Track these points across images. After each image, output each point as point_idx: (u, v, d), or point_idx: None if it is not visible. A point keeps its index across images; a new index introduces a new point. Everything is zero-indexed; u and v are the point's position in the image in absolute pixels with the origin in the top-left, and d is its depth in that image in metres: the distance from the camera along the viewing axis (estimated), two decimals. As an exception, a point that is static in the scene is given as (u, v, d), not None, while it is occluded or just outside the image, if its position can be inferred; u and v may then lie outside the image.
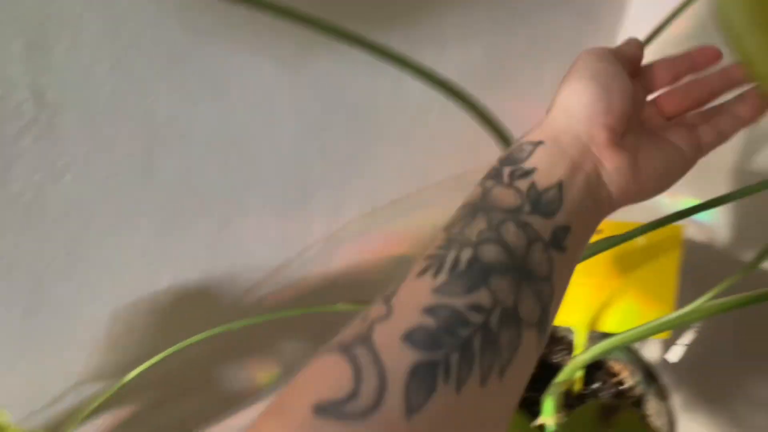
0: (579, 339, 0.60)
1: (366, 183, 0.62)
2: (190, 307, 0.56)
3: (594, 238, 0.34)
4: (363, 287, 0.66)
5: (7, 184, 0.40)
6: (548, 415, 0.54)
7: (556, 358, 0.65)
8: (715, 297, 0.42)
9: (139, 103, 0.43)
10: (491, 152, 0.37)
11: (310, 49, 0.49)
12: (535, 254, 0.27)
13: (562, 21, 0.65)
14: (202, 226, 0.52)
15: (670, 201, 0.60)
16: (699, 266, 0.62)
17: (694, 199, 0.39)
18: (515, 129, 0.39)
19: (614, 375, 0.63)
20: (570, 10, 0.64)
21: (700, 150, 0.34)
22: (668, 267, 0.58)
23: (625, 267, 0.59)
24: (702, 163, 0.35)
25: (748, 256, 0.65)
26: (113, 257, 0.48)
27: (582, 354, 0.49)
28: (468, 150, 0.66)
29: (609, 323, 0.59)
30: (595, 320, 0.59)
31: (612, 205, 0.32)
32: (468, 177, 0.63)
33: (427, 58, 0.41)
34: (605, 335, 0.49)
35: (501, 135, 0.39)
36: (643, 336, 0.42)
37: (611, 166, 0.31)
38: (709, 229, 0.69)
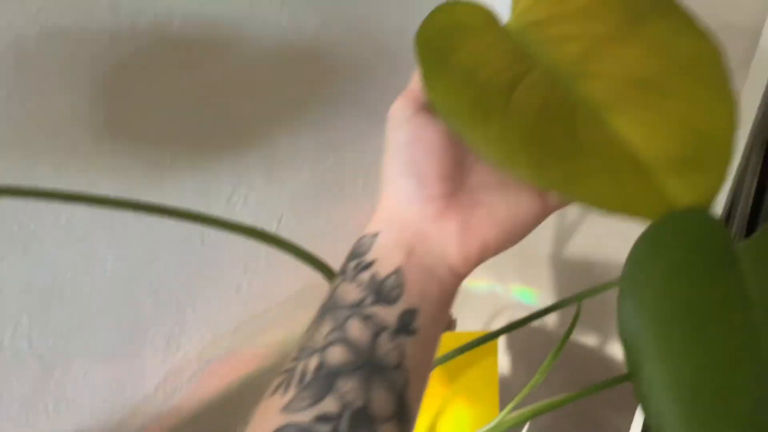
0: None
1: (204, 311, 0.64)
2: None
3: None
4: (210, 419, 0.65)
5: None
6: None
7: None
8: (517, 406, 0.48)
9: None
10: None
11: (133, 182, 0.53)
12: (382, 344, 0.27)
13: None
14: (18, 384, 0.51)
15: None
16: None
17: (522, 287, 0.47)
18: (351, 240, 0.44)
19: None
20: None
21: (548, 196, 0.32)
22: (489, 371, 0.66)
23: (451, 375, 0.65)
24: (524, 249, 0.36)
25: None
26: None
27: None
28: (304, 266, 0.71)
29: (445, 430, 0.63)
30: (432, 429, 0.64)
31: (458, 273, 0.31)
32: (313, 290, 0.68)
33: (256, 182, 0.47)
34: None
35: (321, 268, 0.41)
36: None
37: (439, 239, 0.30)
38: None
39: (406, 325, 0.28)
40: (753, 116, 0.59)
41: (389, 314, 0.28)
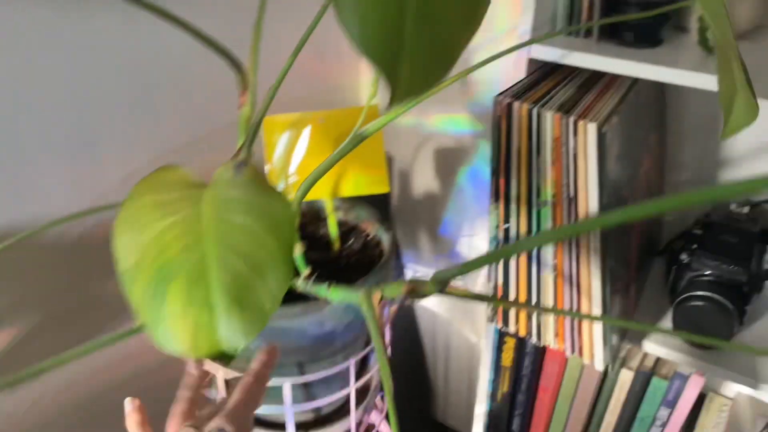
0: (329, 206, 0.80)
1: (152, 130, 0.80)
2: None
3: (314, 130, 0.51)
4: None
5: None
6: (302, 269, 0.72)
7: (318, 230, 0.85)
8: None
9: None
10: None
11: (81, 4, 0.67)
12: None
13: None
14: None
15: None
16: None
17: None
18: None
19: (363, 231, 0.84)
20: None
21: None
22: (377, 142, 0.81)
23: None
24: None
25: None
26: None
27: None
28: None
29: (345, 190, 0.79)
30: (335, 191, 0.80)
31: None
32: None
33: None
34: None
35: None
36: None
37: None
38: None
39: None
40: None
41: None
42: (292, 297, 0.65)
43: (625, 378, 0.98)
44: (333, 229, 0.79)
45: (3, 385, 0.47)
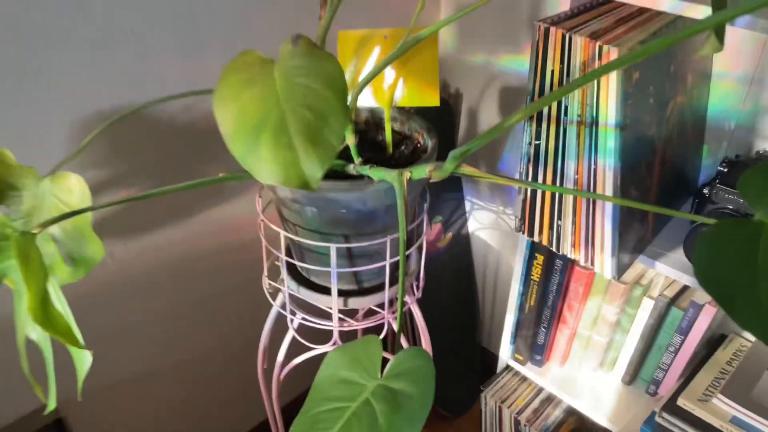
0: (386, 115, 0.94)
1: (246, 36, 0.96)
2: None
3: (380, 46, 0.64)
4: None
5: None
6: (356, 158, 0.85)
7: (377, 136, 0.98)
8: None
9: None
10: None
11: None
12: None
13: None
14: (117, 66, 0.85)
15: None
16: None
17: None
18: None
19: (415, 140, 0.97)
20: None
21: None
22: (431, 62, 0.93)
23: (404, 61, 0.93)
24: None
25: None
26: (60, 74, 0.81)
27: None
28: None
29: (401, 101, 0.92)
30: (391, 100, 0.93)
31: None
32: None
33: None
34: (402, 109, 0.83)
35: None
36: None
37: None
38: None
39: None
40: None
41: None
42: (345, 178, 0.79)
43: (646, 305, 1.07)
44: (388, 136, 0.93)
45: (129, 199, 0.64)
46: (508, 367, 1.26)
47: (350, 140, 0.81)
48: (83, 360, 0.64)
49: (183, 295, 1.16)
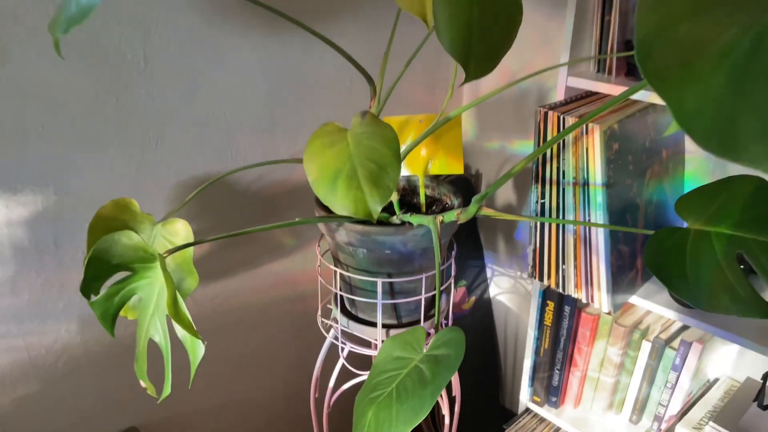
0: (420, 182, 1.17)
1: (307, 119, 1.23)
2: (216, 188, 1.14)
3: (415, 128, 0.92)
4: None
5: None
6: (398, 210, 1.08)
7: (413, 199, 1.21)
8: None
9: (176, 60, 1.05)
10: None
11: (273, 38, 1.12)
12: None
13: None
14: (212, 145, 1.12)
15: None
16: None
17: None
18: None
19: (444, 202, 1.19)
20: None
21: None
22: (456, 138, 1.17)
23: (435, 139, 1.17)
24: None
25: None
26: (171, 146, 1.07)
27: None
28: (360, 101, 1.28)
29: (432, 170, 1.16)
30: (425, 168, 1.16)
31: None
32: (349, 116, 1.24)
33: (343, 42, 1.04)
34: (435, 177, 1.07)
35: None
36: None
37: None
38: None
39: None
40: None
41: None
42: (389, 225, 1.02)
43: (645, 347, 1.24)
44: (422, 198, 1.16)
45: (204, 240, 0.87)
46: (527, 410, 1.41)
47: (394, 197, 1.04)
48: (197, 350, 0.84)
49: (245, 338, 1.36)
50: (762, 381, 1.14)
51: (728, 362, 1.28)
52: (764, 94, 0.37)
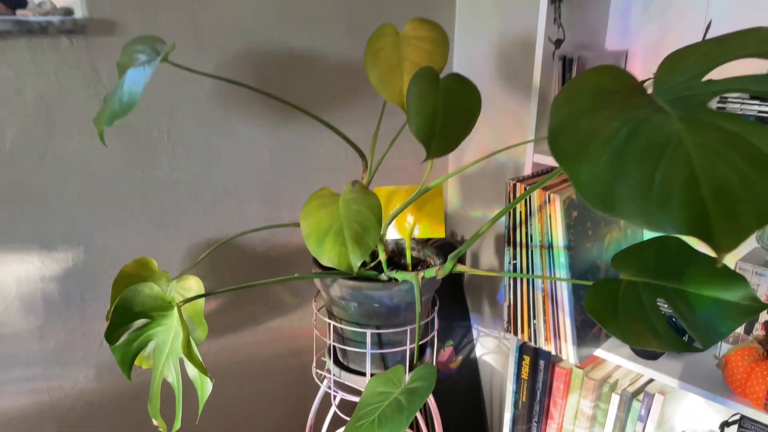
0: (407, 245, 1.32)
1: (308, 189, 1.39)
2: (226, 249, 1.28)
3: (402, 197, 1.10)
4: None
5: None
6: (386, 269, 1.22)
7: (401, 260, 1.35)
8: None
9: (194, 139, 1.22)
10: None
11: (278, 121, 1.30)
12: None
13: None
14: (223, 213, 1.27)
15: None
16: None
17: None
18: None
19: (428, 262, 1.33)
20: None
21: None
22: (438, 205, 1.32)
23: (419, 204, 1.32)
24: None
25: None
26: (185, 214, 1.23)
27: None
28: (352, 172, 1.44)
29: (419, 234, 1.30)
30: (411, 232, 1.31)
31: None
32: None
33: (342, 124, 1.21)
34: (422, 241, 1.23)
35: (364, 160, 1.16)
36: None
37: None
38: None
39: None
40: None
41: None
42: (378, 282, 1.15)
43: (614, 400, 1.35)
44: (408, 258, 1.30)
45: (215, 293, 1.01)
46: (508, 462, 1.49)
47: (382, 257, 1.18)
48: (205, 387, 0.96)
49: (246, 388, 1.47)
50: (720, 429, 1.25)
51: (695, 415, 1.38)
52: (634, 170, 0.52)
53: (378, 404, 0.85)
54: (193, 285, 1.13)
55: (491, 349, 1.83)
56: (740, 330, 1.17)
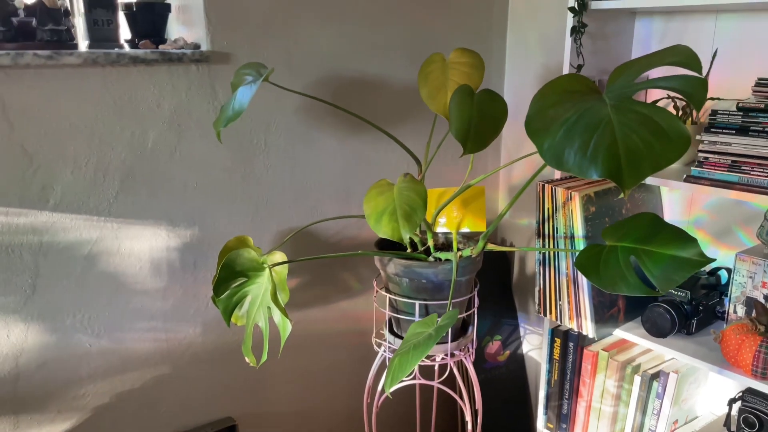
0: (454, 236, 1.57)
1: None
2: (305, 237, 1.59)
3: (450, 196, 1.37)
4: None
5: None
6: (433, 251, 1.47)
7: (449, 250, 1.59)
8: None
9: (284, 146, 1.54)
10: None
11: (350, 133, 1.60)
12: None
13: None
14: (304, 206, 1.58)
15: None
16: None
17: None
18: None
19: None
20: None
21: None
22: (480, 204, 1.57)
23: (465, 203, 1.57)
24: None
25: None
26: (273, 208, 1.54)
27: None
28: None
29: (462, 226, 1.55)
30: (457, 227, 1.56)
31: None
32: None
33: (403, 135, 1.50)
34: (466, 233, 1.48)
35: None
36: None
37: None
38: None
39: None
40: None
41: None
42: (426, 262, 1.41)
43: (636, 380, 1.53)
44: (455, 248, 1.55)
45: (297, 260, 1.30)
46: (543, 436, 1.68)
47: (430, 242, 1.45)
48: (287, 328, 1.25)
49: (316, 356, 1.75)
50: (728, 406, 1.40)
51: (713, 401, 1.53)
52: (577, 140, 0.77)
53: (416, 338, 1.10)
54: (279, 257, 1.43)
55: (536, 345, 2.03)
56: (741, 312, 1.34)
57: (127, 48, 1.40)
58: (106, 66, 1.28)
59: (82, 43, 1.37)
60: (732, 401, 1.40)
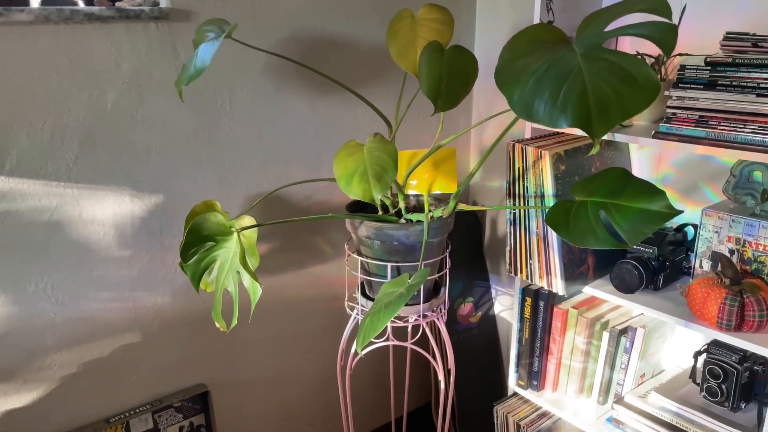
0: (426, 198, 1.56)
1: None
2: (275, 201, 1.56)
3: (420, 158, 1.33)
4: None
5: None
6: (404, 213, 1.46)
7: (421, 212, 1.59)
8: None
9: (251, 108, 1.50)
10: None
11: (319, 94, 1.57)
12: None
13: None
14: (273, 170, 1.55)
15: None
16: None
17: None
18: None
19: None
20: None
21: None
22: (451, 165, 1.56)
23: (436, 164, 1.56)
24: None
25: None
26: (241, 171, 1.51)
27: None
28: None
29: (432, 188, 1.54)
30: (429, 189, 1.55)
31: None
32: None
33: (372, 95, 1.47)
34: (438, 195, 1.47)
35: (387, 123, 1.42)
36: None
37: None
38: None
39: None
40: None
41: None
42: (397, 224, 1.40)
43: (605, 337, 1.56)
44: (426, 209, 1.54)
45: (265, 224, 1.28)
46: (515, 393, 1.71)
47: (402, 204, 1.43)
48: (257, 292, 1.23)
49: (288, 321, 1.74)
50: (693, 359, 1.44)
51: (679, 354, 1.57)
52: (547, 90, 0.75)
53: (387, 297, 1.10)
54: (248, 222, 1.41)
55: (507, 306, 2.05)
56: (707, 267, 1.37)
57: (81, 5, 1.34)
58: (59, 23, 1.22)
59: (35, 0, 1.31)
60: (697, 354, 1.43)
